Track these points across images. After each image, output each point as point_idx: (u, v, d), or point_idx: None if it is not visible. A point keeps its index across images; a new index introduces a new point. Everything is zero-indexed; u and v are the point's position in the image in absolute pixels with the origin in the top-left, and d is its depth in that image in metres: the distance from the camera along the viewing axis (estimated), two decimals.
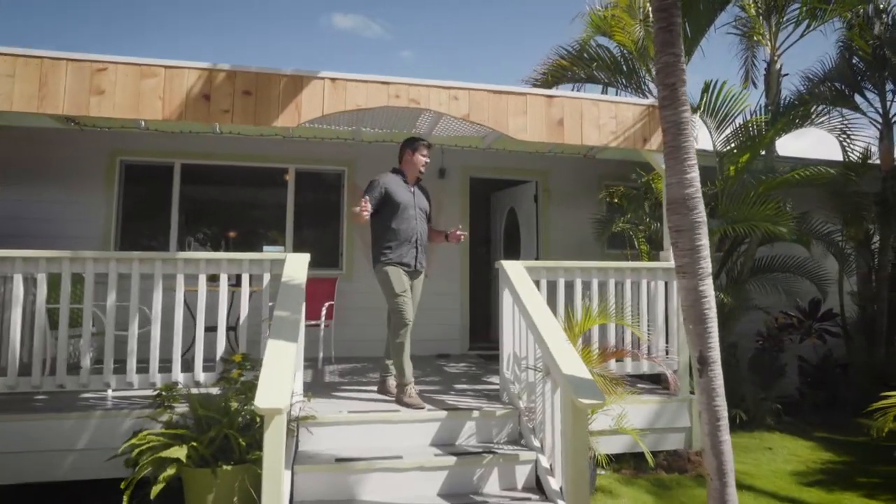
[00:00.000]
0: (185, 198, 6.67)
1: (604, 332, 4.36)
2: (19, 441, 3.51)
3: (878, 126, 6.78)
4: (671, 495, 3.85)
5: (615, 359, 3.99)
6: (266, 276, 3.96)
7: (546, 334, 3.35)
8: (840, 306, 6.95)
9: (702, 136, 5.50)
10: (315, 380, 5.06)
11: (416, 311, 4.34)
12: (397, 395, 4.01)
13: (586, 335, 4.02)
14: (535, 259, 7.24)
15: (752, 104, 5.96)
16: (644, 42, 5.39)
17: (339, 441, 3.52)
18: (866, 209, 6.68)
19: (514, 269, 4.07)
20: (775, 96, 5.90)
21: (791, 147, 7.94)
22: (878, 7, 6.48)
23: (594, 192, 7.63)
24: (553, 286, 4.37)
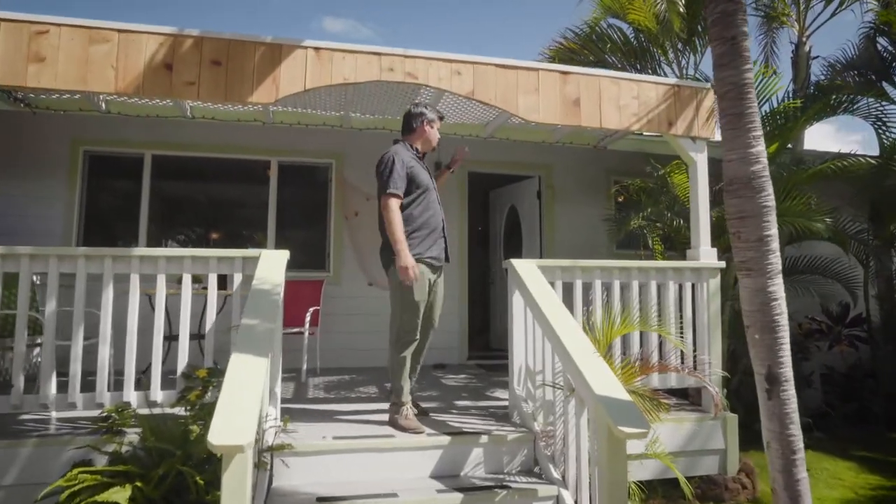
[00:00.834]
0: (157, 194, 6.06)
1: (626, 340, 3.82)
2: None
3: None
4: None
5: (649, 374, 3.44)
6: (237, 277, 3.38)
7: (570, 344, 2.80)
8: (866, 311, 6.45)
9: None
10: (297, 395, 4.48)
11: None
12: (391, 415, 3.43)
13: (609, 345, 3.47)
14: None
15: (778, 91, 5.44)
16: (667, 15, 4.87)
17: (322, 475, 2.93)
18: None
19: (526, 269, 3.52)
20: (804, 81, 5.41)
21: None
22: None
23: (602, 189, 7.12)
24: (568, 289, 3.82)
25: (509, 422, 3.55)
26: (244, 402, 2.05)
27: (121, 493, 2.35)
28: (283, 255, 3.38)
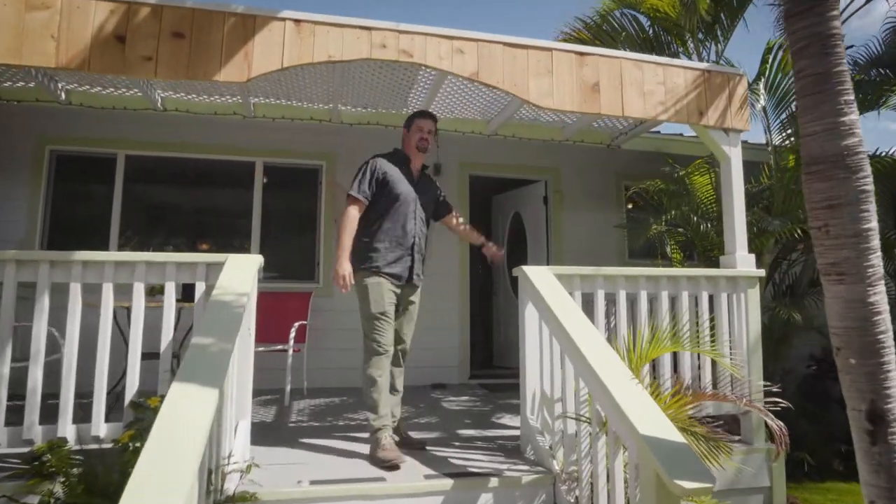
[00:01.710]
0: (131, 198, 5.53)
1: (655, 360, 3.29)
2: None
3: None
4: None
5: (699, 404, 2.88)
6: (199, 286, 2.85)
7: (601, 367, 2.27)
8: None
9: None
10: (277, 422, 3.92)
11: (413, 334, 3.29)
12: (371, 449, 2.94)
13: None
14: None
15: None
16: None
17: None
18: None
19: (541, 278, 3.00)
20: None
21: None
22: None
23: (612, 193, 6.63)
24: (586, 301, 3.30)
25: (522, 457, 3.01)
26: (178, 453, 1.51)
27: None
28: (253, 261, 2.85)
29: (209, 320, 2.24)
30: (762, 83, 4.17)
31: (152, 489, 1.35)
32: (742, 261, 3.58)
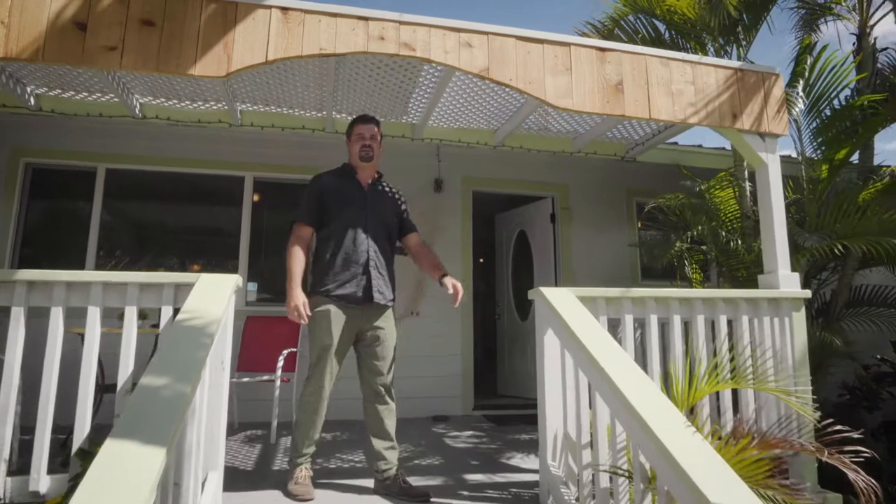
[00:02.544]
0: (111, 215, 5.14)
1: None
2: None
3: None
4: None
5: (763, 452, 2.44)
6: (166, 312, 2.44)
7: (645, 408, 1.86)
8: None
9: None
10: (261, 463, 3.47)
11: (394, 364, 2.92)
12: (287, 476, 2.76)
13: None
14: None
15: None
16: None
17: None
18: None
19: (563, 300, 2.60)
20: (871, 78, 4.61)
21: None
22: None
23: (622, 211, 6.26)
24: (611, 326, 2.89)
25: None
26: None
27: None
28: (229, 281, 2.44)
29: (166, 355, 1.83)
30: (800, 85, 3.83)
31: None
32: (785, 280, 3.19)
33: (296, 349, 4.59)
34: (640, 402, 1.89)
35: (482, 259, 8.25)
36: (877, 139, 4.70)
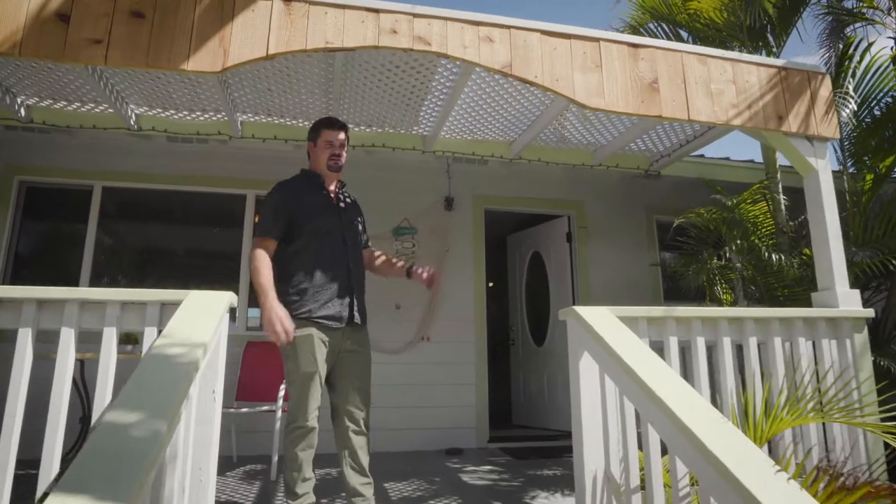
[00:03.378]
0: (107, 234, 4.88)
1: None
2: None
3: None
4: None
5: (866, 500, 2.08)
6: (150, 334, 2.13)
7: (718, 444, 1.52)
8: None
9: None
10: (260, 502, 3.12)
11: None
12: None
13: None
14: None
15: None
16: None
17: None
18: None
19: (602, 320, 2.27)
20: None
21: None
22: None
23: (643, 229, 5.95)
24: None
25: None
26: None
27: None
28: (221, 300, 2.14)
29: (137, 386, 1.51)
30: (851, 84, 3.55)
31: None
32: (845, 298, 2.86)
33: None
34: (713, 438, 1.56)
35: (492, 283, 7.94)
36: None
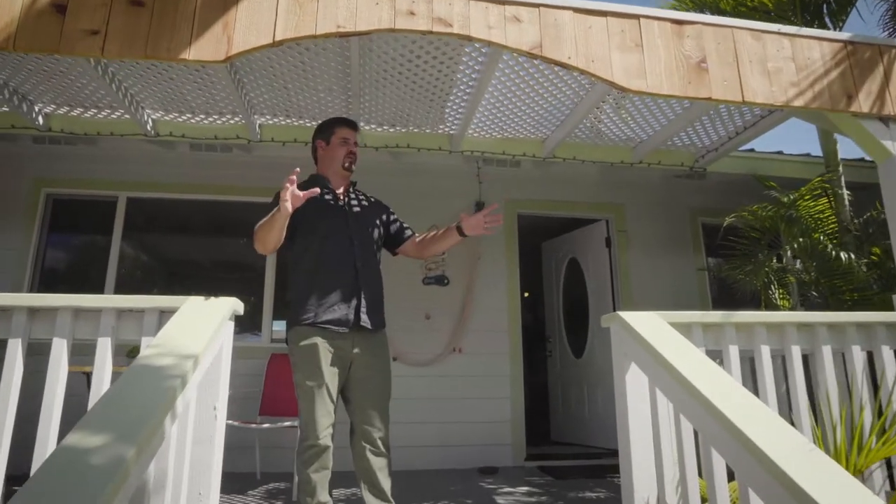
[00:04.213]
0: (131, 245, 4.83)
1: None
2: None
3: None
4: None
5: None
6: (147, 343, 1.95)
7: (804, 474, 1.22)
8: None
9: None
10: None
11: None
12: None
13: None
14: None
15: None
16: None
17: None
18: None
19: (651, 326, 1.98)
20: None
21: None
22: None
23: (688, 232, 5.56)
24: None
25: None
26: None
27: None
28: (222, 306, 1.95)
29: (106, 403, 1.31)
30: None
31: None
32: None
33: None
34: (800, 469, 1.25)
35: (527, 293, 7.62)
36: None
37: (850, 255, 3.27)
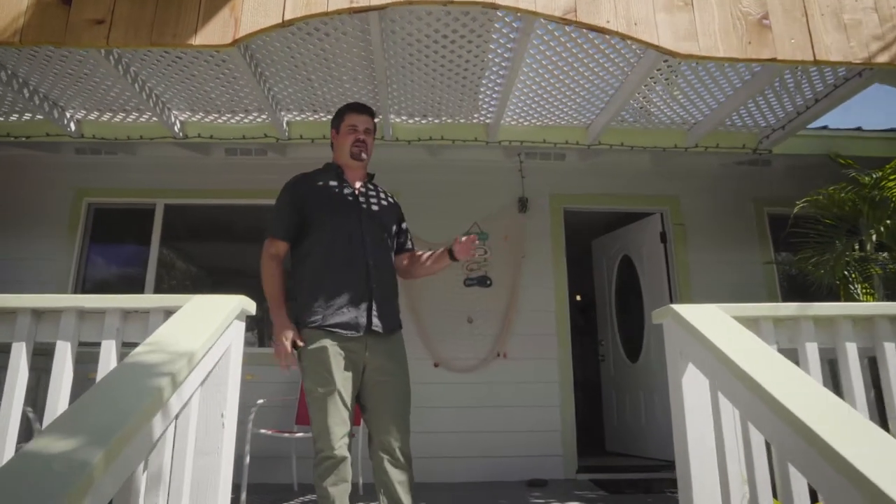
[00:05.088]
0: (169, 251, 4.86)
1: None
2: None
3: None
4: None
5: None
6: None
7: None
8: None
9: None
10: None
11: (414, 411, 2.15)
12: None
13: None
14: None
15: None
16: None
17: None
18: None
19: (711, 321, 1.69)
20: None
21: None
22: None
23: (752, 224, 5.10)
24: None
25: None
26: None
27: None
28: (228, 304, 1.79)
29: (81, 404, 1.15)
30: None
31: None
32: None
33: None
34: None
35: (579, 296, 7.28)
36: None
37: None
